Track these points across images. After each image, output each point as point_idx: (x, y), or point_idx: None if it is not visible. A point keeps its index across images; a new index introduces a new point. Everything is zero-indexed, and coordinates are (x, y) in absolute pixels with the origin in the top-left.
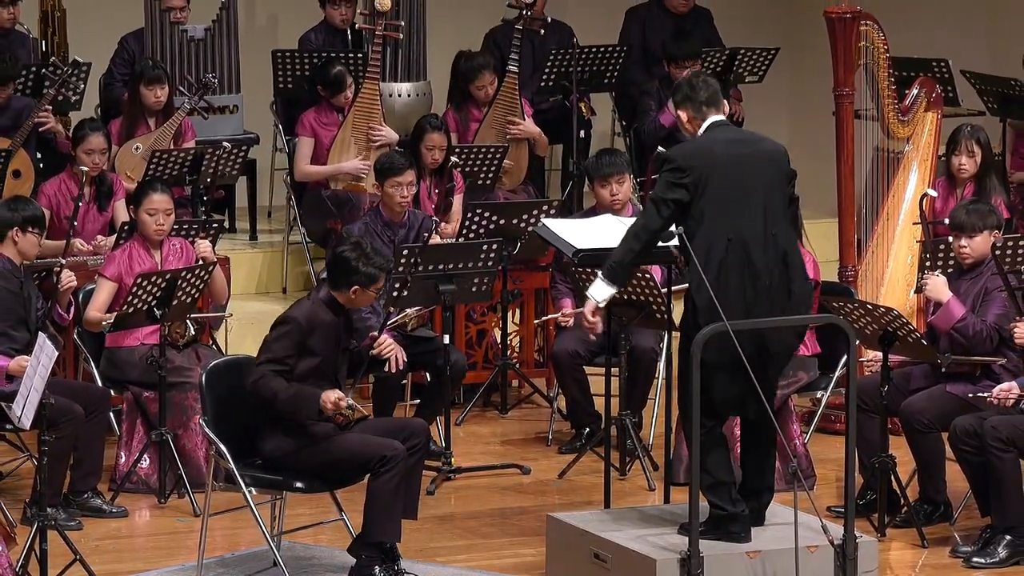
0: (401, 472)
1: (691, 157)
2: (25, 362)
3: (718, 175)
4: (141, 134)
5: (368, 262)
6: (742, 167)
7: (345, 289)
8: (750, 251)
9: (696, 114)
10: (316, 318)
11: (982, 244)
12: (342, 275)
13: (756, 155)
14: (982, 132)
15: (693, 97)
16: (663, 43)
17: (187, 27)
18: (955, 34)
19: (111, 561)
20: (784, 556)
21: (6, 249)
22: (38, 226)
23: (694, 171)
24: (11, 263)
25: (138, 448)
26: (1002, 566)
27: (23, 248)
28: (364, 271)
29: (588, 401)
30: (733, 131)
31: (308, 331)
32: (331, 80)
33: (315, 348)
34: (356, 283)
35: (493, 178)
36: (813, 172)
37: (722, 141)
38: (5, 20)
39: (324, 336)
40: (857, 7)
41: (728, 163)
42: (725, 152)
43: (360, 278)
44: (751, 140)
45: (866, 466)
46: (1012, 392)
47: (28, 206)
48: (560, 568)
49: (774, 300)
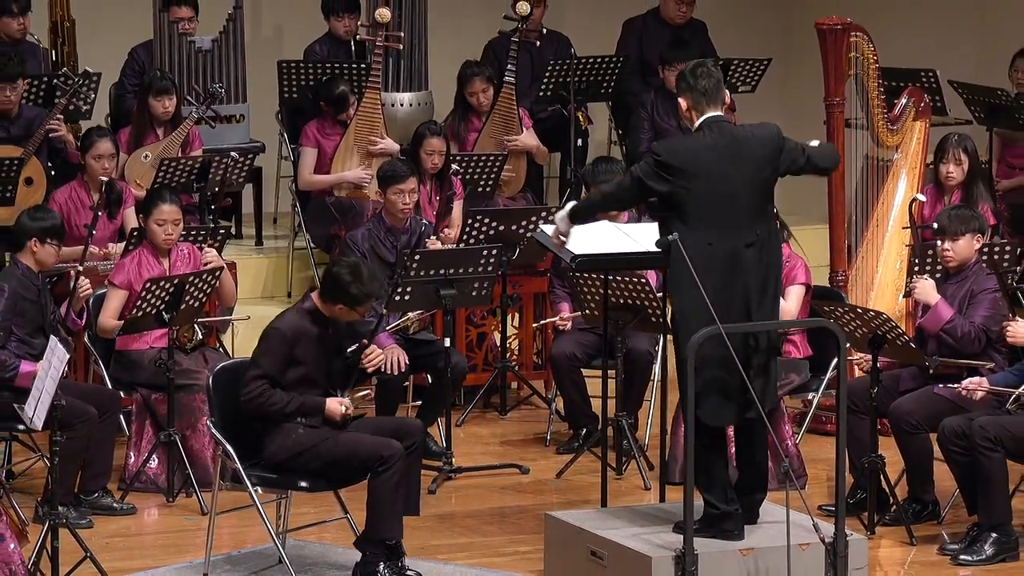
0: (400, 471)
1: (675, 154)
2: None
3: (701, 180)
4: (150, 143)
5: (361, 287)
6: (726, 172)
7: (331, 304)
8: (732, 255)
9: (696, 104)
10: (300, 328)
11: (965, 248)
12: (332, 290)
13: (742, 155)
14: (969, 141)
15: (692, 86)
16: (660, 51)
17: (195, 38)
18: (943, 45)
19: (121, 558)
20: (776, 554)
21: (25, 257)
22: (56, 237)
23: (674, 169)
24: (30, 271)
25: (147, 448)
26: (988, 563)
27: (41, 258)
28: (353, 294)
29: (585, 403)
30: (725, 130)
31: (293, 341)
32: (335, 98)
33: (301, 358)
34: (343, 302)
35: (493, 185)
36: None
37: (709, 145)
38: (15, 31)
39: (309, 346)
40: (847, 19)
41: (712, 168)
42: (710, 157)
43: (348, 299)
44: (740, 139)
45: (856, 466)
46: (981, 387)
47: (48, 216)
48: (558, 565)
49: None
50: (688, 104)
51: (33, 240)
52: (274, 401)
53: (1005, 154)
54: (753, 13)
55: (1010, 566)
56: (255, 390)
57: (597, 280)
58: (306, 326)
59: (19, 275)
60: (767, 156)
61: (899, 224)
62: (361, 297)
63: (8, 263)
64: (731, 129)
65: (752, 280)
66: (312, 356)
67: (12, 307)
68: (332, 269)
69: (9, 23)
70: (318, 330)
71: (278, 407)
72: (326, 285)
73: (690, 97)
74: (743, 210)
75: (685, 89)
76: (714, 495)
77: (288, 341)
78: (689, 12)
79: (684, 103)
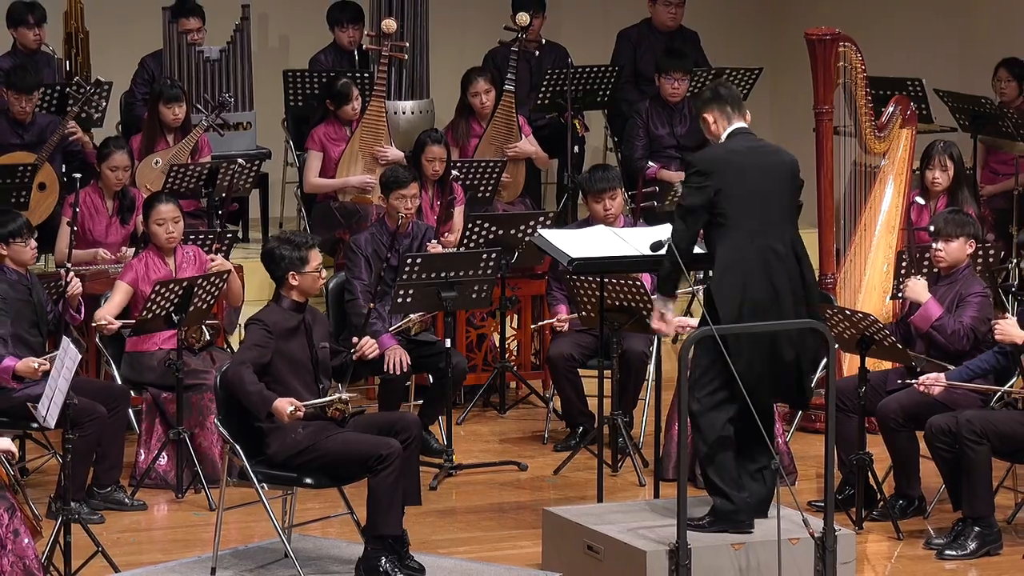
0: (398, 468)
1: (711, 163)
2: (33, 363)
3: (737, 182)
4: (160, 149)
5: (291, 245)
6: (760, 174)
7: (284, 279)
8: (771, 253)
9: (722, 116)
10: (279, 320)
11: (957, 250)
12: (274, 267)
13: (773, 162)
14: (954, 147)
15: (719, 100)
16: (656, 59)
17: (203, 48)
18: (929, 55)
19: (131, 553)
20: (767, 548)
21: (4, 261)
22: (19, 235)
23: (714, 176)
24: (16, 272)
25: (156, 446)
26: (972, 557)
27: (15, 257)
28: (290, 255)
29: (582, 401)
30: (752, 140)
31: (270, 329)
32: (337, 91)
33: (283, 348)
34: (288, 268)
35: (492, 191)
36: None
37: (741, 149)
38: (31, 41)
39: (290, 335)
40: (836, 29)
41: (747, 170)
42: (743, 160)
43: (289, 263)
44: (768, 149)
45: (845, 463)
46: (939, 383)
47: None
48: (555, 559)
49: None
50: (714, 117)
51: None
52: (242, 375)
53: (989, 160)
54: (744, 24)
55: (994, 560)
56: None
57: (593, 283)
58: (285, 317)
59: (6, 279)
60: (791, 174)
61: (886, 228)
62: (300, 252)
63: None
64: (756, 138)
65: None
66: (294, 345)
67: (4, 308)
68: (263, 255)
69: (26, 34)
70: (293, 320)
71: (242, 379)
72: (271, 269)
73: (716, 110)
74: (776, 211)
75: (711, 102)
76: (726, 488)
77: (266, 328)
78: (680, 15)
79: (710, 117)
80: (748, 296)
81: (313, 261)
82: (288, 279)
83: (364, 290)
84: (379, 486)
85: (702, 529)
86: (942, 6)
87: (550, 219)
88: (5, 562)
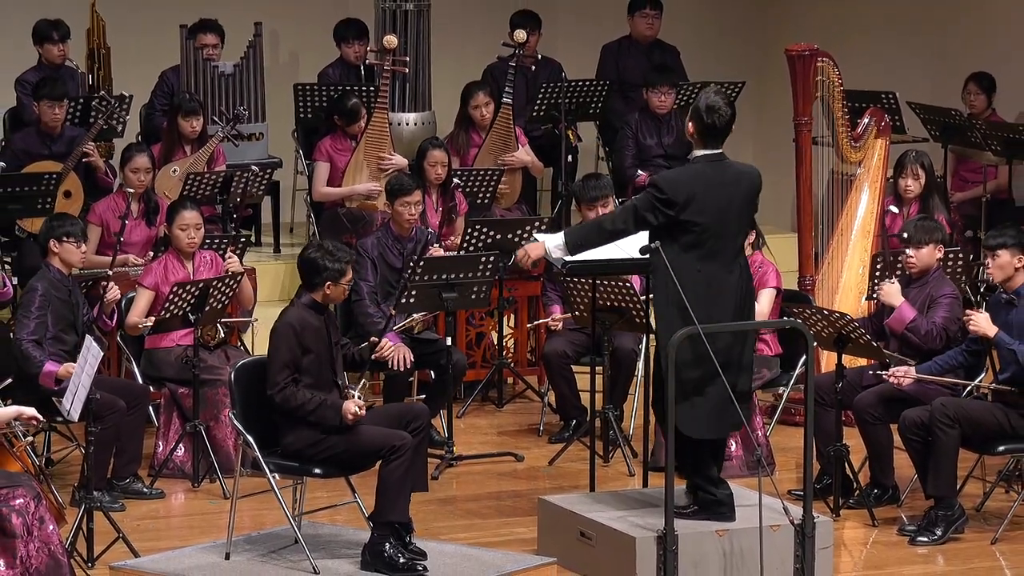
0: (408, 459)
1: (676, 190)
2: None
3: (696, 211)
4: (178, 159)
5: (333, 258)
6: (723, 208)
7: (320, 287)
8: (716, 282)
9: (699, 135)
10: (304, 320)
11: (927, 256)
12: (314, 275)
13: (735, 191)
14: (926, 157)
15: (702, 119)
16: (644, 73)
17: (218, 63)
18: (902, 70)
19: (150, 539)
20: (749, 534)
21: (52, 260)
22: (72, 236)
23: (675, 208)
24: (60, 273)
25: (174, 438)
26: (940, 542)
27: (64, 257)
28: (332, 267)
29: (575, 396)
30: (720, 167)
31: (300, 331)
32: (347, 111)
33: (308, 346)
34: (327, 279)
35: (491, 198)
36: (775, 192)
37: (710, 181)
38: (56, 56)
39: (314, 335)
40: (815, 45)
41: (708, 201)
42: (709, 194)
43: (330, 274)
44: (733, 174)
45: (823, 454)
46: (908, 375)
47: (65, 220)
48: (550, 545)
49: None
50: (695, 131)
51: (52, 241)
52: (299, 399)
53: (959, 169)
54: (729, 39)
55: (963, 546)
56: (281, 385)
57: (586, 284)
58: (309, 317)
59: (50, 277)
60: (752, 195)
61: (862, 233)
62: (341, 267)
63: (43, 267)
64: (729, 166)
65: (731, 303)
66: (317, 344)
67: (45, 305)
68: (304, 259)
69: (51, 49)
70: (318, 320)
71: (301, 403)
72: (307, 275)
73: (699, 128)
74: (732, 243)
75: (697, 119)
76: (706, 483)
77: (296, 332)
78: (657, 25)
79: (692, 127)
80: (689, 322)
81: (348, 275)
82: (324, 288)
83: (370, 291)
84: (390, 475)
85: (688, 517)
86: (915, 24)
87: (545, 224)
88: (32, 547)
